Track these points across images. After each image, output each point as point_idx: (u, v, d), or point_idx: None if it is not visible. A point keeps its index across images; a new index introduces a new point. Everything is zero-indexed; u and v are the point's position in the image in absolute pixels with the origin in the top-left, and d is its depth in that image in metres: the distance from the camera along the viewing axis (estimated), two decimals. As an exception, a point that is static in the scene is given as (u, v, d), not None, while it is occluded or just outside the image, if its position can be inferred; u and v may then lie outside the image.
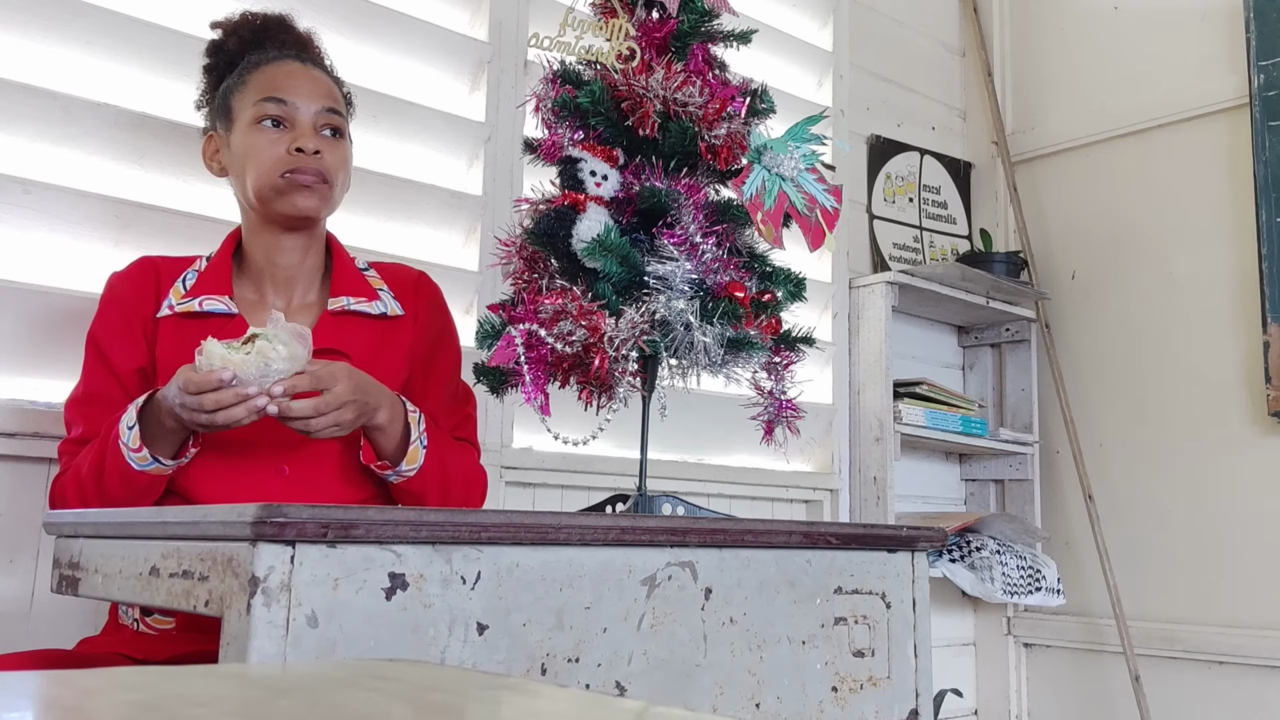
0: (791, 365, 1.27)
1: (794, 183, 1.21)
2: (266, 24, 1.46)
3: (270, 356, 1.11)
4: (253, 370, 1.10)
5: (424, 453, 1.28)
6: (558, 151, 1.22)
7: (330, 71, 1.45)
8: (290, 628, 0.77)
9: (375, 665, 0.58)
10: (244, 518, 0.77)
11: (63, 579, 1.07)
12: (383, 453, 1.27)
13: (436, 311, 1.46)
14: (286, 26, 1.48)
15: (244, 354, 1.10)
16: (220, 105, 1.40)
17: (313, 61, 1.43)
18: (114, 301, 1.35)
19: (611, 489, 1.96)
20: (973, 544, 2.54)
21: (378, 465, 1.28)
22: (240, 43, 1.44)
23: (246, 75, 1.38)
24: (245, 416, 1.12)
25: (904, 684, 1.20)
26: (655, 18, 1.25)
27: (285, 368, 1.12)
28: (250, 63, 1.39)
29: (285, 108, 1.34)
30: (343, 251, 1.46)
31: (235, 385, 1.10)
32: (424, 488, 1.30)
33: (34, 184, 1.50)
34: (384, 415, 1.24)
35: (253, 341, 1.12)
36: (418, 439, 1.28)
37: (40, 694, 0.48)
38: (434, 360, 1.43)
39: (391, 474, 1.28)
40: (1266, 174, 2.45)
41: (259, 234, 1.38)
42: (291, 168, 1.32)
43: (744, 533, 1.06)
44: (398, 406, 1.28)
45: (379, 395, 1.24)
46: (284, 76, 1.36)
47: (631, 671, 0.96)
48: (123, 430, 1.19)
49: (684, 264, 1.17)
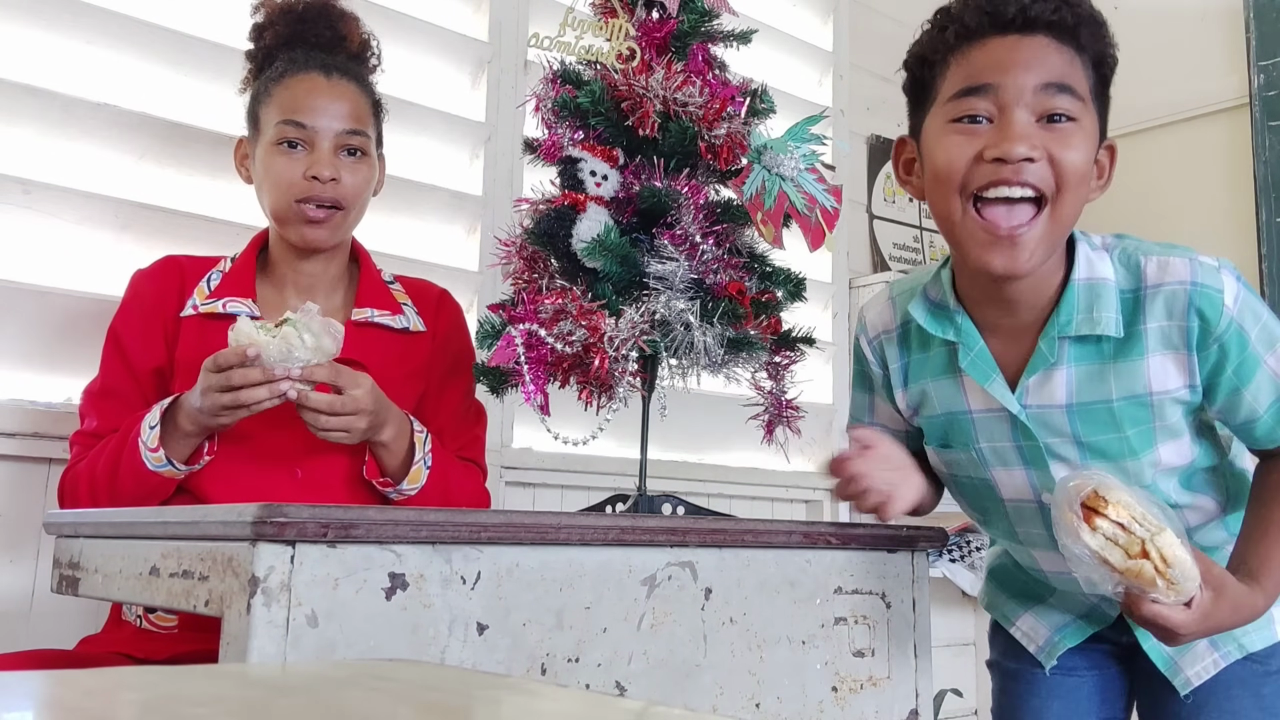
0: (791, 365, 1.27)
1: (794, 183, 1.21)
2: (305, 15, 1.42)
3: (294, 343, 1.13)
4: (276, 353, 1.13)
5: (427, 473, 1.29)
6: (558, 151, 1.22)
7: (361, 77, 1.42)
8: (290, 628, 0.77)
9: (375, 665, 0.58)
10: (244, 517, 0.77)
11: (63, 579, 1.07)
12: (386, 469, 1.28)
13: (456, 331, 1.47)
14: (326, 15, 1.44)
15: (269, 335, 1.13)
16: (250, 112, 1.39)
17: (340, 70, 1.38)
18: (136, 299, 1.36)
19: (611, 489, 1.95)
20: (973, 544, 2.54)
21: (380, 481, 1.28)
22: (276, 37, 1.41)
23: (272, 87, 1.36)
24: (267, 398, 1.14)
25: (904, 684, 1.20)
26: (655, 18, 1.25)
27: (308, 356, 1.15)
28: (277, 71, 1.37)
29: (304, 131, 1.33)
30: (370, 261, 1.46)
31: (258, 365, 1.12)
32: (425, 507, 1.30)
33: (34, 184, 1.50)
34: (389, 433, 1.26)
35: (281, 326, 1.14)
36: (422, 459, 1.28)
37: (40, 694, 0.48)
38: (450, 379, 1.43)
39: (393, 491, 1.29)
40: (1266, 174, 2.45)
41: (282, 242, 1.39)
42: (304, 196, 1.32)
43: (744, 533, 1.06)
44: (404, 425, 1.29)
45: (389, 413, 1.25)
46: (305, 95, 1.34)
47: (631, 671, 0.96)
48: (144, 429, 1.20)
49: (684, 264, 1.17)
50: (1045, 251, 1.05)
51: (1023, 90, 1.02)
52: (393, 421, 1.26)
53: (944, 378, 1.18)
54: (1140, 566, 0.96)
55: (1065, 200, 1.03)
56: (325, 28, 1.43)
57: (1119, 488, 0.98)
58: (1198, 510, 1.18)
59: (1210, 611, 1.01)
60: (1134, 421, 1.10)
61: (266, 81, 1.37)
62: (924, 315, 1.16)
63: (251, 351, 1.12)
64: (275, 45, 1.41)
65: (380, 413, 1.23)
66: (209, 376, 1.14)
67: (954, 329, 1.14)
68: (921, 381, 1.21)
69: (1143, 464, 1.12)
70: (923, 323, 1.16)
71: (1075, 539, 0.97)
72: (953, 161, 1.04)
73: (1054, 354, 1.09)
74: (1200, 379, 1.08)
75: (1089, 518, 0.97)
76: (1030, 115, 1.02)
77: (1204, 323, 1.05)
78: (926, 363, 1.20)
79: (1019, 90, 1.02)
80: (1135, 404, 1.09)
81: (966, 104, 1.04)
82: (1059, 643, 1.27)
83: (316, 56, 1.39)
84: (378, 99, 1.44)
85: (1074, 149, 1.03)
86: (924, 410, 1.22)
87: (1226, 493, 1.19)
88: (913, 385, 1.22)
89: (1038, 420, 1.12)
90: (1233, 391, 1.08)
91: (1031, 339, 1.11)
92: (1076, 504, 0.97)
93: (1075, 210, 1.05)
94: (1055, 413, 1.12)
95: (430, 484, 1.29)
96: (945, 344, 1.17)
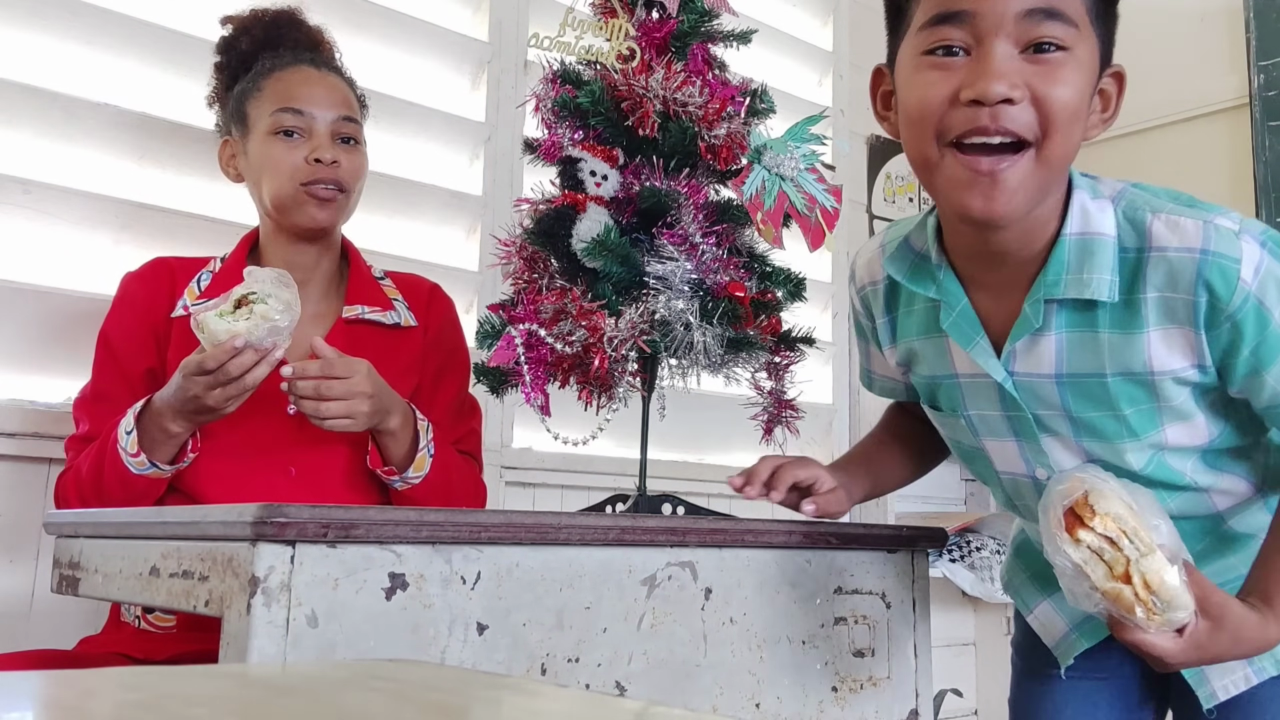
0: (791, 365, 1.27)
1: (794, 183, 1.21)
2: (278, 20, 1.45)
3: (270, 316, 1.14)
4: (261, 333, 1.13)
5: (431, 461, 1.29)
6: (558, 151, 1.22)
7: (344, 73, 1.45)
8: (290, 628, 0.77)
9: (375, 665, 0.58)
10: (244, 518, 0.77)
11: (63, 579, 1.07)
12: (390, 458, 1.28)
13: (449, 325, 1.48)
14: (297, 23, 1.47)
15: (244, 320, 1.13)
16: (235, 110, 1.39)
17: (327, 65, 1.42)
18: (126, 302, 1.36)
19: (611, 489, 1.95)
20: (973, 544, 2.54)
21: (384, 470, 1.28)
22: (253, 42, 1.43)
23: (261, 81, 1.37)
24: (265, 371, 1.15)
25: (904, 684, 1.20)
26: (655, 18, 1.25)
27: (288, 318, 1.15)
28: (265, 68, 1.38)
29: (302, 118, 1.34)
30: (360, 259, 1.46)
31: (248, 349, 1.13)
32: (427, 496, 1.31)
33: (34, 184, 1.50)
34: (396, 420, 1.26)
35: (246, 304, 1.14)
36: (425, 447, 1.29)
37: (40, 694, 0.48)
38: (444, 373, 1.44)
39: (397, 479, 1.29)
40: (1266, 174, 2.45)
41: (275, 240, 1.39)
42: (309, 179, 1.33)
43: (744, 533, 1.06)
44: (409, 414, 1.29)
45: (393, 400, 1.26)
46: (300, 84, 1.36)
47: (631, 671, 0.96)
48: (121, 435, 1.20)
49: (684, 264, 1.17)
50: (1030, 196, 0.91)
51: (1002, 17, 0.88)
52: (398, 409, 1.26)
53: (929, 337, 1.08)
54: (1119, 590, 0.88)
55: (1055, 142, 0.90)
56: (299, 32, 1.46)
57: (1112, 496, 0.89)
58: (1226, 494, 1.05)
59: (1204, 643, 0.91)
60: (1131, 401, 0.98)
61: (255, 77, 1.38)
62: (904, 271, 1.05)
63: (239, 343, 1.12)
64: (253, 49, 1.42)
65: (382, 398, 1.23)
66: (198, 381, 1.13)
67: (935, 285, 1.03)
68: (908, 339, 1.11)
69: (1144, 445, 1.00)
70: (901, 279, 1.05)
71: (1056, 548, 0.89)
72: (925, 103, 0.91)
73: (1039, 318, 0.97)
74: (1212, 360, 0.95)
75: (1074, 526, 0.89)
76: (1013, 46, 0.88)
77: (1213, 298, 0.91)
78: (911, 319, 1.10)
79: (998, 18, 0.88)
80: (1132, 382, 0.97)
81: (940, 33, 0.90)
82: (1075, 641, 1.16)
83: (302, 54, 1.42)
84: (362, 97, 1.47)
85: (1063, 83, 0.89)
86: (914, 368, 1.12)
87: (1265, 470, 1.05)
88: (900, 342, 1.13)
89: (1026, 389, 1.01)
90: (1252, 374, 0.94)
91: (1022, 297, 0.98)
92: (1061, 509, 0.90)
93: (1068, 151, 0.92)
94: (1044, 383, 1.00)
95: (433, 472, 1.29)
96: (929, 300, 1.06)
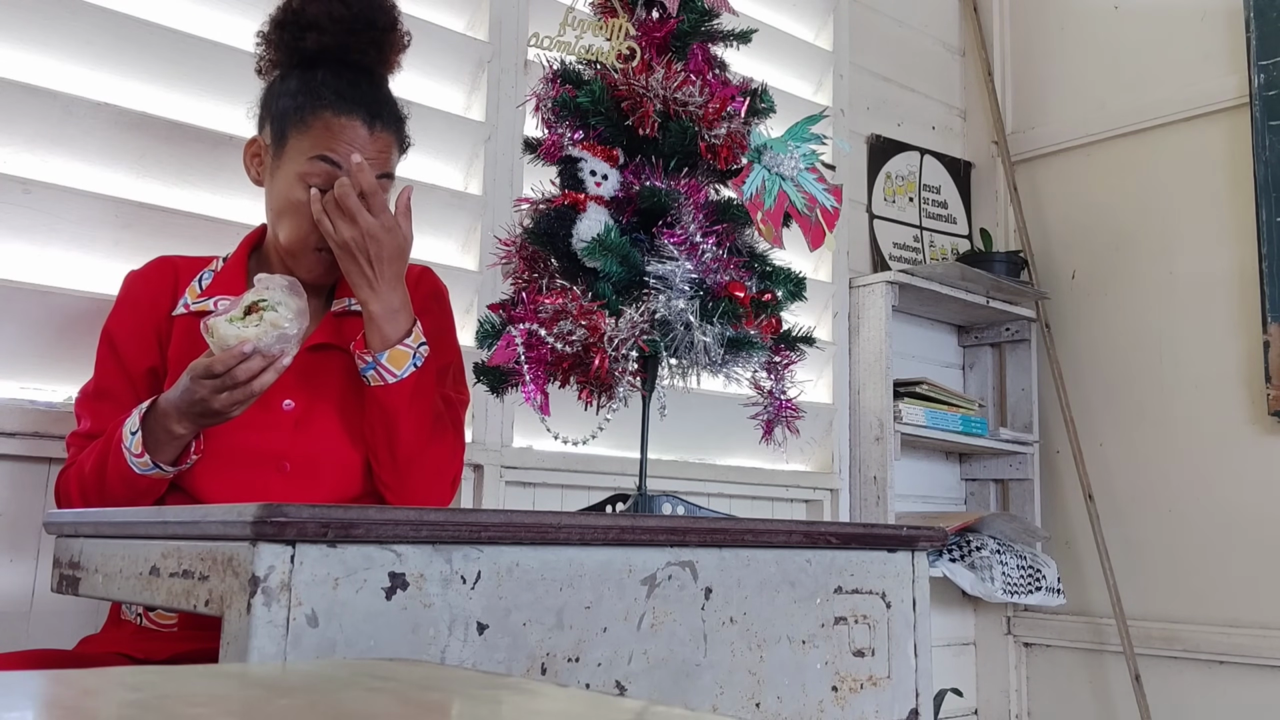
0: (791, 365, 1.27)
1: (794, 182, 1.21)
2: (355, 24, 1.34)
3: (280, 324, 1.14)
4: (270, 339, 1.14)
5: (412, 370, 1.28)
6: (558, 151, 1.22)
7: (398, 113, 1.38)
8: (290, 627, 0.77)
9: (375, 665, 0.58)
10: (244, 517, 0.77)
11: (63, 579, 1.07)
12: (374, 344, 1.28)
13: (435, 301, 1.45)
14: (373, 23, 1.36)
15: (254, 327, 1.14)
16: (276, 124, 1.34)
17: (383, 121, 1.34)
18: (129, 300, 1.36)
19: (611, 489, 1.96)
20: (973, 544, 2.54)
21: (361, 352, 1.27)
22: (320, 45, 1.34)
23: (309, 117, 1.30)
24: (272, 378, 1.16)
25: (904, 684, 1.20)
26: (655, 17, 1.25)
27: (297, 326, 1.16)
28: (320, 100, 1.31)
29: (338, 172, 1.28)
30: None
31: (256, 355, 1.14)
32: (398, 407, 1.27)
33: (34, 184, 1.50)
34: (397, 301, 1.28)
35: (256, 311, 1.15)
36: (413, 348, 1.29)
37: (40, 694, 0.48)
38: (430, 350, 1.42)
39: (371, 368, 1.27)
40: (1266, 174, 2.45)
41: (277, 244, 1.37)
42: (323, 245, 1.31)
43: (744, 532, 1.06)
44: (411, 317, 1.30)
45: (405, 300, 1.29)
46: (348, 140, 1.30)
47: (631, 671, 0.96)
48: (125, 435, 1.20)
49: (684, 264, 1.17)
50: None
51: None
52: (404, 305, 1.29)
53: None
54: None
55: None
56: (370, 45, 1.37)
57: None
58: None
59: None
60: None
61: (307, 105, 1.31)
62: None
63: (247, 348, 1.12)
64: (319, 51, 1.34)
65: (401, 288, 1.28)
66: (205, 384, 1.13)
67: None
68: None
69: None
70: None
71: None
72: None
73: None
74: None
75: None
76: None
77: None
78: None
79: None
80: None
81: None
82: None
83: (362, 94, 1.33)
84: (407, 139, 1.42)
85: None
86: None
87: None
88: None
89: None
90: None
91: None
92: None
93: None
94: None
95: (412, 385, 1.27)
96: None
